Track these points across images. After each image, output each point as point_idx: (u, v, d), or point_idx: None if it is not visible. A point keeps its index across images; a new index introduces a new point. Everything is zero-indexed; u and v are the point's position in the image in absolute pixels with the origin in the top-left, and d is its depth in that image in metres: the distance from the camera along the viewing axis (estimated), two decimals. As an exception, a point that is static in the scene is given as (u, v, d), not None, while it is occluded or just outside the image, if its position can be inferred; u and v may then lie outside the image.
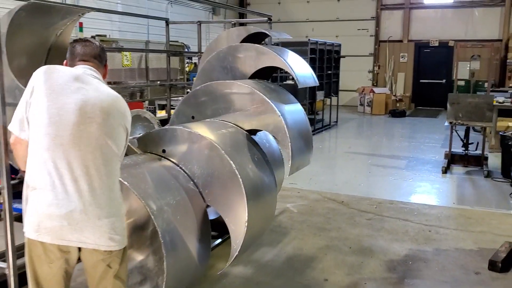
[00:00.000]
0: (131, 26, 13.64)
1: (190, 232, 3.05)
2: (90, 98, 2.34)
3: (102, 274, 2.43)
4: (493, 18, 17.26)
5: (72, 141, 2.27)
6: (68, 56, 2.60)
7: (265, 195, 3.54)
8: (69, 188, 2.25)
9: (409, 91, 18.74)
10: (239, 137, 3.59)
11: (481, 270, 4.39)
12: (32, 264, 2.36)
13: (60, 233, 2.25)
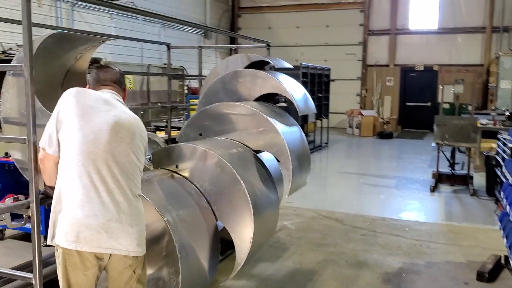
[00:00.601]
0: (122, 49, 13.93)
1: (202, 247, 3.27)
2: (120, 119, 2.61)
3: (127, 280, 2.65)
4: (475, 44, 17.89)
5: (105, 157, 2.52)
6: (91, 81, 2.87)
7: (269, 212, 3.79)
8: (105, 199, 2.48)
9: (395, 114, 19.21)
10: (247, 156, 3.85)
11: (470, 281, 4.65)
12: (66, 273, 2.54)
13: (98, 241, 2.47)
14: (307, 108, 4.58)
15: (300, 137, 4.44)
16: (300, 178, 4.21)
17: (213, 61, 19.03)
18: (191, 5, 17.91)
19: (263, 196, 3.70)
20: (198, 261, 3.29)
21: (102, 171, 2.51)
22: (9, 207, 2.71)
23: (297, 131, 4.42)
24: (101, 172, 2.50)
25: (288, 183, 3.93)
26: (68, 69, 3.94)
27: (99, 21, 13.07)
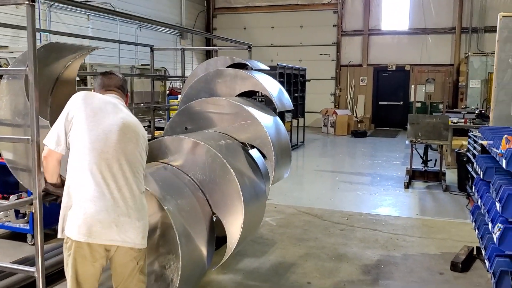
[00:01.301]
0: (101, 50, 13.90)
1: (200, 234, 3.47)
2: (127, 121, 2.80)
3: (131, 271, 2.82)
4: (445, 44, 18.44)
5: (116, 156, 2.70)
6: (96, 86, 3.06)
7: (258, 200, 3.98)
8: (115, 195, 2.66)
9: (369, 113, 19.63)
10: (235, 146, 4.05)
11: (444, 271, 4.93)
12: (75, 264, 2.69)
13: (109, 234, 2.64)
14: (283, 105, 4.79)
15: (282, 130, 4.67)
16: (282, 169, 4.46)
17: (190, 62, 19.13)
18: (167, 5, 17.96)
19: (252, 184, 3.91)
20: (196, 248, 3.47)
21: (113, 169, 2.68)
22: (14, 203, 2.83)
23: (278, 125, 4.63)
24: (112, 170, 2.68)
25: (271, 173, 4.16)
26: (57, 77, 4.05)
27: (76, 22, 13.05)
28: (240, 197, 3.55)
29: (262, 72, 5.33)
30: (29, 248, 5.33)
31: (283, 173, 4.59)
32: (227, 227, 3.62)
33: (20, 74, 3.11)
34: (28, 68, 2.73)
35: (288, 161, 4.70)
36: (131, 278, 2.84)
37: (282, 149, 4.42)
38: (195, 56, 19.49)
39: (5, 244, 5.56)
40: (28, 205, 2.88)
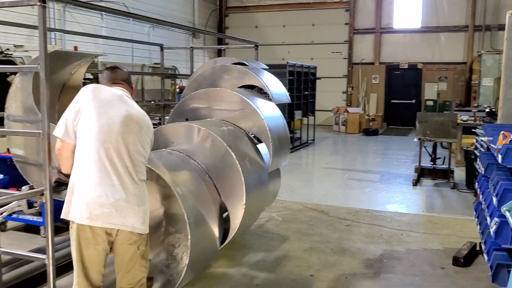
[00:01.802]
0: (114, 49, 14.15)
1: (208, 215, 3.71)
2: (130, 113, 2.95)
3: (132, 255, 2.98)
4: (458, 42, 18.36)
5: (117, 146, 2.87)
6: (102, 80, 3.21)
7: (260, 182, 4.27)
8: (115, 182, 2.83)
9: (381, 111, 19.62)
10: (237, 132, 4.30)
11: (446, 266, 5.00)
12: (79, 247, 2.88)
13: (109, 218, 2.81)
14: (279, 98, 5.09)
15: (280, 120, 4.93)
16: (280, 156, 4.72)
17: (201, 60, 19.29)
18: (180, 5, 18.15)
19: (253, 165, 4.17)
20: (205, 227, 3.70)
21: (114, 158, 2.85)
22: (26, 194, 2.99)
23: (277, 114, 4.89)
24: (113, 159, 2.84)
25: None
26: (64, 84, 4.22)
27: (90, 22, 13.27)
28: (241, 180, 3.78)
29: (271, 70, 5.67)
30: (42, 240, 5.51)
31: (281, 161, 4.84)
32: (229, 208, 3.81)
33: (31, 71, 3.26)
34: (40, 66, 2.89)
35: (286, 149, 4.95)
36: (133, 263, 2.99)
37: (280, 137, 4.68)
38: (206, 55, 19.65)
39: (20, 236, 5.76)
40: (39, 195, 3.04)
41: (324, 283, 4.54)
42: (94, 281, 2.98)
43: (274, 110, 4.90)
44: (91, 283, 2.96)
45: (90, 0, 12.27)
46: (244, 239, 5.69)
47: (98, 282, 3.01)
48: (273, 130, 4.44)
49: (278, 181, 5.40)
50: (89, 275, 2.95)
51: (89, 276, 2.95)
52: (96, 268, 2.94)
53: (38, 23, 2.87)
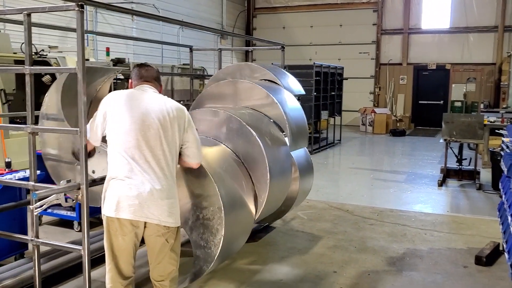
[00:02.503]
0: (144, 49, 14.49)
1: (240, 189, 4.05)
2: (146, 110, 3.12)
3: (161, 247, 3.15)
4: (487, 43, 18.13)
5: (146, 143, 3.06)
6: (134, 77, 3.38)
7: (281, 158, 4.68)
8: (140, 176, 3.03)
9: (408, 112, 19.52)
10: (257, 115, 4.75)
11: (469, 265, 5.05)
12: (109, 237, 3.10)
13: (133, 211, 3.01)
14: (291, 89, 5.55)
15: (297, 109, 5.38)
16: (299, 142, 5.21)
17: (229, 61, 19.54)
18: (209, 6, 18.42)
19: (273, 140, 4.58)
20: (238, 199, 4.00)
21: (143, 154, 3.05)
22: (63, 187, 3.18)
23: (294, 103, 5.37)
24: (141, 155, 3.05)
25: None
26: (92, 99, 4.43)
27: (121, 23, 13.63)
28: (263, 155, 4.21)
29: (293, 69, 6.07)
30: (76, 234, 5.77)
31: (300, 143, 5.27)
32: (255, 184, 4.21)
33: (70, 72, 3.47)
34: (77, 68, 3.09)
35: (305, 135, 5.40)
36: (163, 255, 3.17)
37: (297, 125, 5.13)
38: (234, 55, 19.88)
39: (55, 230, 6.03)
40: (76, 189, 3.25)
41: (347, 279, 4.65)
42: (124, 271, 3.17)
43: (291, 99, 5.34)
44: (121, 272, 3.16)
45: (121, 2, 12.65)
46: (269, 237, 5.83)
47: (128, 272, 3.20)
48: (290, 117, 4.90)
49: (310, 179, 5.70)
50: (119, 264, 3.15)
51: (119, 266, 3.15)
52: (125, 258, 3.13)
53: (76, 26, 3.06)
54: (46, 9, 3.45)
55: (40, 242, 3.53)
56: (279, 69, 5.81)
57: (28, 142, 3.41)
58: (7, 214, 4.44)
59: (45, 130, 3.97)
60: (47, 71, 7.68)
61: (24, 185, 3.65)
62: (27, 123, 3.41)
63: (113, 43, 12.44)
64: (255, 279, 4.62)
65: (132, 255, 3.17)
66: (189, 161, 3.35)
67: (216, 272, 4.63)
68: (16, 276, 3.97)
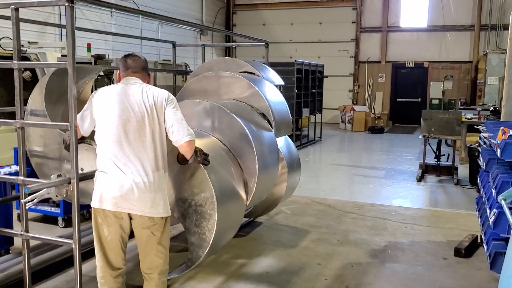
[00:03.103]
0: (123, 46, 14.39)
1: (230, 177, 4.15)
2: (124, 105, 3.16)
3: (147, 240, 3.21)
4: (464, 41, 18.50)
5: (126, 138, 3.13)
6: (121, 68, 3.40)
7: (269, 152, 4.79)
8: (124, 170, 3.09)
9: (387, 109, 19.79)
10: (240, 104, 4.88)
11: (448, 256, 5.21)
12: (97, 228, 3.19)
13: (115, 201, 3.08)
14: (271, 80, 5.73)
15: (279, 98, 5.54)
16: (281, 129, 5.31)
17: (210, 57, 19.51)
18: (188, 2, 18.37)
19: (258, 126, 4.70)
20: (229, 184, 4.14)
21: (126, 149, 3.12)
22: (55, 181, 3.21)
23: (277, 94, 5.54)
24: (125, 150, 3.11)
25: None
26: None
27: (100, 19, 13.52)
28: (249, 139, 4.36)
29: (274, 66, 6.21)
30: (60, 230, 5.76)
31: (283, 132, 5.42)
32: (245, 170, 4.36)
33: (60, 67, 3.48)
34: (67, 63, 3.11)
35: (288, 123, 5.51)
36: (150, 248, 3.22)
37: (280, 113, 5.28)
38: (215, 52, 19.87)
39: (39, 226, 6.00)
40: (67, 183, 3.27)
41: (331, 270, 4.76)
42: (113, 262, 3.23)
43: (270, 87, 5.48)
44: (110, 263, 3.22)
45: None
46: (255, 231, 5.91)
47: (117, 263, 3.25)
48: (273, 106, 5.07)
49: (298, 173, 5.84)
50: (107, 255, 3.21)
51: (107, 256, 3.21)
52: (113, 249, 3.19)
53: (65, 22, 3.09)
54: (35, 3, 3.47)
55: (30, 236, 3.55)
56: (257, 62, 6.00)
57: (17, 137, 3.43)
58: (-7, 209, 4.43)
59: (35, 125, 3.97)
60: (37, 66, 7.61)
61: (13, 179, 3.65)
62: (16, 118, 3.42)
63: (92, 39, 12.32)
64: (242, 272, 4.70)
65: (120, 246, 3.22)
66: (174, 139, 3.24)
67: (204, 266, 4.69)
68: (4, 271, 3.96)
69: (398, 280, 4.60)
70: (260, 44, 6.78)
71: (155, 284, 3.30)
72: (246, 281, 4.48)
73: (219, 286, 4.36)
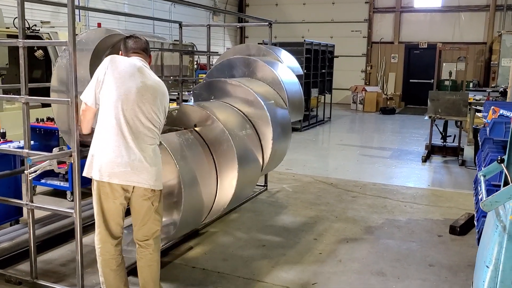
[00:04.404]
0: (135, 25, 14.52)
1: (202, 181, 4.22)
2: (146, 84, 3.28)
3: (147, 210, 3.37)
4: (479, 22, 18.27)
5: (133, 113, 3.23)
6: (123, 49, 3.52)
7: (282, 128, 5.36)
8: (131, 145, 3.21)
9: (399, 90, 19.72)
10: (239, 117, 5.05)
11: (443, 234, 5.32)
12: (99, 200, 3.29)
13: (125, 176, 3.20)
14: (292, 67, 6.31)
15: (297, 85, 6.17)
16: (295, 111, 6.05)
17: (221, 38, 19.58)
18: (201, -18, 18.36)
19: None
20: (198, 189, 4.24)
21: (129, 123, 3.22)
22: (56, 154, 3.38)
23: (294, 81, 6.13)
24: (129, 124, 3.21)
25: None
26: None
27: (113, -2, 13.65)
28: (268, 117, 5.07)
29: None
30: (69, 203, 5.98)
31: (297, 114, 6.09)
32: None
33: (62, 45, 3.63)
34: (68, 41, 3.26)
35: (300, 107, 6.22)
36: (148, 217, 3.39)
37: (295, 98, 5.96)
38: (227, 32, 19.90)
39: (48, 200, 6.23)
40: (68, 156, 3.45)
41: (326, 245, 4.91)
42: (113, 231, 3.39)
43: (289, 73, 6.04)
44: (110, 232, 3.38)
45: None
46: (255, 207, 6.08)
47: (117, 232, 3.43)
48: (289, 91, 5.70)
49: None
50: (109, 225, 3.37)
51: (109, 227, 3.37)
52: (115, 220, 3.35)
53: (67, 1, 3.21)
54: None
55: (35, 206, 3.75)
56: (282, 50, 6.51)
57: (22, 112, 3.60)
58: (3, 182, 4.65)
59: (38, 100, 4.14)
60: (40, 45, 7.81)
61: (18, 152, 3.85)
62: (21, 94, 3.59)
63: (105, 19, 12.47)
64: (239, 245, 4.87)
65: (121, 216, 3.39)
66: None
67: (203, 237, 4.88)
68: (12, 240, 4.19)
69: (390, 255, 4.73)
70: (265, 24, 6.86)
71: (152, 249, 3.48)
72: (242, 253, 4.66)
73: (215, 258, 4.54)
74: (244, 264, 4.42)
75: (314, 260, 4.56)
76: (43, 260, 4.32)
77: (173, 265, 4.36)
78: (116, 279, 3.42)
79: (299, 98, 6.16)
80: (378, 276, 4.28)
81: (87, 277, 3.88)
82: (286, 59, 6.29)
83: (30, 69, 7.65)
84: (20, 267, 4.16)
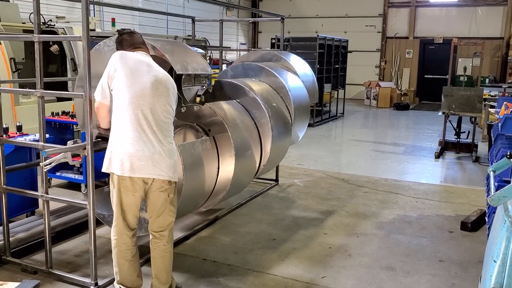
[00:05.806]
0: (150, 21, 14.62)
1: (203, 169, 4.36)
2: (158, 78, 3.35)
3: (163, 202, 3.44)
4: (496, 16, 18.04)
5: (150, 108, 3.29)
6: (120, 47, 3.53)
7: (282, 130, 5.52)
8: (150, 138, 3.28)
9: (414, 86, 19.58)
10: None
11: (454, 230, 5.32)
12: (119, 194, 3.35)
13: (147, 169, 3.27)
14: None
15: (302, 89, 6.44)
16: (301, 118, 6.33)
17: (234, 33, 19.60)
18: (215, -23, 18.37)
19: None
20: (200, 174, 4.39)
21: (148, 118, 3.29)
22: (71, 147, 3.46)
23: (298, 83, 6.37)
24: (147, 118, 3.28)
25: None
26: None
27: (127, -7, 13.74)
28: (268, 119, 5.32)
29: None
30: (83, 196, 6.08)
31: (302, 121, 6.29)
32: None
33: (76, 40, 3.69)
34: (82, 36, 3.32)
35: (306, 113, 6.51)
36: (163, 208, 3.46)
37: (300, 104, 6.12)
38: (240, 27, 19.91)
39: (63, 192, 6.34)
40: (82, 149, 3.52)
41: (336, 240, 4.94)
42: (130, 223, 3.47)
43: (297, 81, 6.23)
44: (128, 224, 3.45)
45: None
46: (266, 201, 6.13)
47: (133, 224, 3.50)
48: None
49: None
50: (126, 218, 3.44)
51: (126, 219, 3.44)
52: (133, 212, 3.42)
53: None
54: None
55: (50, 198, 3.83)
56: (299, 59, 6.93)
57: (38, 106, 3.67)
58: (19, 174, 4.74)
59: (53, 94, 4.22)
60: (55, 40, 7.91)
61: (34, 145, 3.93)
62: (36, 88, 3.66)
63: (119, 14, 12.58)
64: (250, 238, 4.92)
65: (139, 208, 3.46)
66: None
67: (216, 228, 4.94)
68: (28, 230, 4.29)
69: (400, 250, 4.74)
70: (277, 19, 6.87)
71: (166, 240, 3.55)
72: (252, 246, 4.71)
73: (226, 250, 4.60)
74: (254, 257, 4.46)
75: (324, 254, 4.59)
76: (57, 250, 4.41)
77: (184, 257, 4.42)
78: (130, 269, 3.50)
79: (305, 104, 6.46)
80: (387, 270, 4.29)
81: (100, 268, 3.96)
82: (296, 64, 6.61)
83: (46, 64, 7.76)
84: (36, 257, 4.26)
